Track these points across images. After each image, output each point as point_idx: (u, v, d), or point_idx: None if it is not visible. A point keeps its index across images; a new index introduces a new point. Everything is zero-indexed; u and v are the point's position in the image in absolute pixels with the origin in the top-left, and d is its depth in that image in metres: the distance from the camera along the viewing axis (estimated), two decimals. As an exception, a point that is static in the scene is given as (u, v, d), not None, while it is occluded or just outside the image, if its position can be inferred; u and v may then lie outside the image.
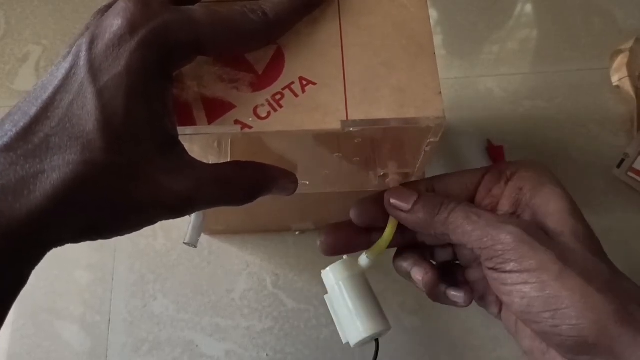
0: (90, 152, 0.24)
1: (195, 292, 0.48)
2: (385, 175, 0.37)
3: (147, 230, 0.50)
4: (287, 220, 0.48)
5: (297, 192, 0.39)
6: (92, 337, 0.46)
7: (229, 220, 0.46)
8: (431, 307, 0.47)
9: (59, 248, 0.51)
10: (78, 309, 0.47)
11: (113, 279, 0.48)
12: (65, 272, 0.49)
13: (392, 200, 0.34)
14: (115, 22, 0.25)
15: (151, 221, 0.27)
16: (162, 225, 0.50)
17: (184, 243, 0.35)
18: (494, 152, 0.52)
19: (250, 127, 0.31)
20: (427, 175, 0.40)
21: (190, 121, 0.31)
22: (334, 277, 0.36)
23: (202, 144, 0.36)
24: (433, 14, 0.58)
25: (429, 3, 0.35)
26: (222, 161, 0.37)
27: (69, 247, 0.49)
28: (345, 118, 0.31)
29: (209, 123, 0.31)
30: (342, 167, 0.38)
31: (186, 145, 0.30)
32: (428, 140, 0.33)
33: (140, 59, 0.25)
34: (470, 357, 0.45)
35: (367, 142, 0.37)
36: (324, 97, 0.32)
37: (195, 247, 0.36)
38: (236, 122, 0.31)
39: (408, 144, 0.36)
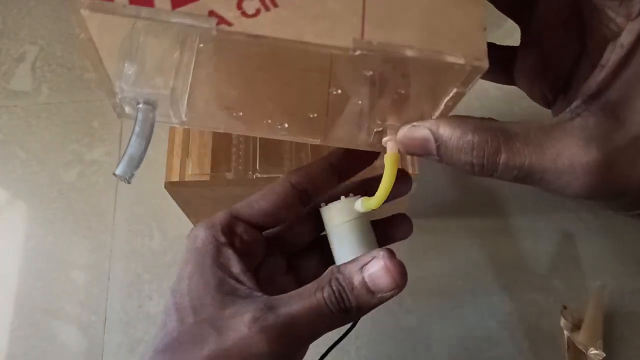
0: None
1: (191, 292, 0.48)
2: (382, 132, 0.29)
3: (143, 230, 0.51)
4: None
5: (273, 137, 0.31)
6: (88, 337, 0.46)
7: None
8: (428, 307, 0.47)
9: (55, 249, 0.51)
10: (74, 309, 0.47)
11: (109, 279, 0.48)
12: (62, 272, 0.48)
13: None
14: None
15: None
16: (158, 225, 0.50)
17: (114, 174, 0.25)
18: (490, 152, 0.52)
19: (230, 24, 0.22)
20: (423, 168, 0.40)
21: (146, 0, 0.22)
22: (331, 218, 0.31)
23: (158, 47, 0.25)
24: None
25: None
26: (179, 80, 0.26)
27: (65, 248, 0.49)
28: (359, 36, 0.23)
29: (173, 8, 0.22)
30: (333, 111, 0.29)
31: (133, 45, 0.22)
32: (454, 90, 0.26)
33: None
34: (466, 356, 0.45)
35: (375, 80, 0.27)
36: (336, 2, 0.23)
37: (129, 182, 0.25)
38: (211, 13, 0.22)
39: (426, 90, 0.28)
